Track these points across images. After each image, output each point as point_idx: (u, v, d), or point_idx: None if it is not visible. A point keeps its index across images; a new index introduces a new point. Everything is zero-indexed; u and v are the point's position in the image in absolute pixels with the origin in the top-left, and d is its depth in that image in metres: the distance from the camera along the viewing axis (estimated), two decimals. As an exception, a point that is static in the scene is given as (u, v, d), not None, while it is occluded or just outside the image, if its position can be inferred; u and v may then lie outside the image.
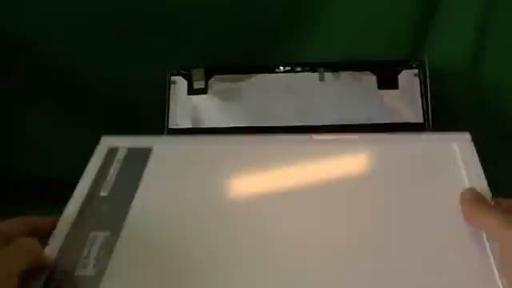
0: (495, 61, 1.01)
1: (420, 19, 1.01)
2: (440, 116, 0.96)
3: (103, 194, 0.73)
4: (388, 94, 0.95)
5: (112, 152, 0.79)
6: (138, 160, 0.77)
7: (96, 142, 0.92)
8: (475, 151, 0.79)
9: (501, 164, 1.01)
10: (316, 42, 1.02)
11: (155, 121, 0.94)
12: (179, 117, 0.94)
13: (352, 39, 1.01)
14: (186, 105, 0.95)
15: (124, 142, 0.81)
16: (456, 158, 0.77)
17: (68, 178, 0.80)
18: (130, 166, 0.76)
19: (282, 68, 0.96)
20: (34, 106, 1.04)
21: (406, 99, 0.95)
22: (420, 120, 0.93)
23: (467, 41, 1.01)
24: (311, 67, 0.96)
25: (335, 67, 0.96)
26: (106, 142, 0.81)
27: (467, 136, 0.81)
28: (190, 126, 0.94)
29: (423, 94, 0.95)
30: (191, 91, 0.95)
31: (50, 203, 0.94)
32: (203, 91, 0.95)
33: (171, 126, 0.94)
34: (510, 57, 1.01)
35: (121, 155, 0.78)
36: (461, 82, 1.02)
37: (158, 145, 0.80)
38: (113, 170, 0.76)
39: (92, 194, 0.74)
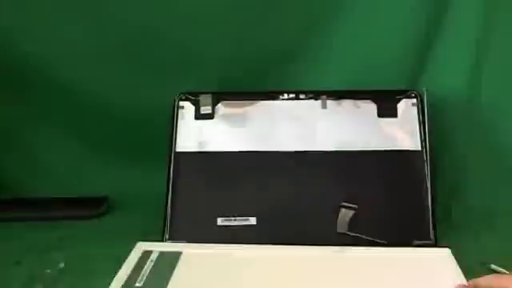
0: (491, 88, 1.05)
1: (418, 49, 1.05)
2: (437, 143, 1.00)
3: None
4: (387, 122, 0.99)
5: (146, 254, 0.84)
6: (168, 262, 0.82)
7: (105, 163, 0.96)
8: (457, 265, 0.81)
9: (500, 191, 1.05)
10: (319, 71, 1.06)
11: (163, 144, 0.97)
12: (186, 141, 0.98)
13: (353, 69, 1.05)
14: (193, 129, 0.98)
15: (157, 247, 0.86)
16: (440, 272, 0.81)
17: (77, 198, 0.84)
18: (161, 267, 0.81)
19: (286, 95, 1.00)
20: (46, 129, 1.08)
21: (404, 127, 0.98)
22: (418, 147, 0.97)
23: (464, 69, 1.04)
24: (314, 95, 1.00)
25: (337, 95, 1.00)
26: (141, 247, 0.86)
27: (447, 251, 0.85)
28: (197, 150, 0.97)
29: (421, 123, 0.98)
30: (198, 116, 0.99)
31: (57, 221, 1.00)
32: (210, 116, 0.99)
33: (178, 149, 0.97)
34: (506, 84, 1.05)
35: (153, 257, 0.83)
36: (458, 109, 1.05)
37: (187, 250, 0.85)
38: (145, 269, 0.80)
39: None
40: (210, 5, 1.01)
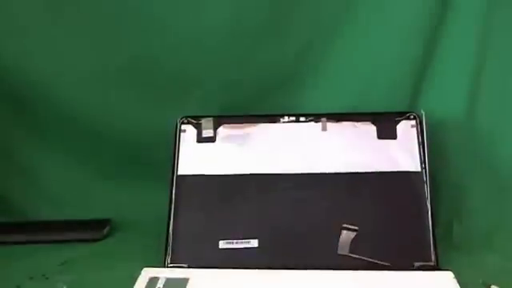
0: (489, 108, 1.05)
1: (417, 71, 1.06)
2: (437, 164, 1.01)
3: None
4: (387, 144, 1.00)
5: (152, 280, 0.85)
6: None
7: (108, 186, 0.96)
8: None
9: (499, 210, 1.05)
10: (318, 94, 1.07)
11: (165, 167, 0.98)
12: (188, 164, 0.98)
13: (353, 91, 1.07)
14: (195, 152, 0.99)
15: (163, 273, 0.86)
16: None
17: (79, 221, 0.84)
18: None
19: (286, 118, 1.01)
20: (48, 152, 1.09)
21: (404, 149, 0.99)
22: (418, 169, 0.98)
23: (462, 90, 1.05)
24: (314, 117, 1.01)
25: (337, 118, 1.01)
26: (147, 274, 0.86)
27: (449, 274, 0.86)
28: (199, 173, 0.98)
29: (420, 144, 0.99)
30: (200, 139, 1.00)
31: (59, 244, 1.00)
32: (212, 139, 1.00)
33: (180, 172, 0.98)
34: (504, 105, 1.06)
35: (160, 284, 0.84)
36: (457, 129, 1.06)
37: (194, 276, 0.86)
38: None
39: None
40: (211, 30, 1.02)
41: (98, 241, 1.03)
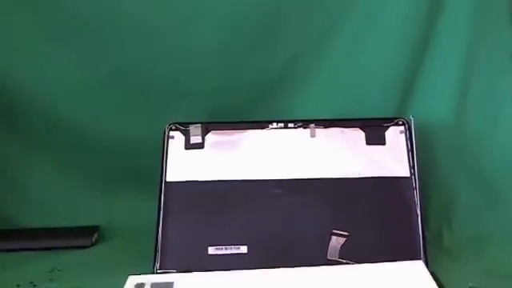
0: (478, 114, 1.06)
1: (406, 76, 1.07)
2: (426, 169, 1.01)
3: None
4: (376, 150, 1.00)
5: (139, 287, 0.84)
6: None
7: (96, 194, 0.95)
8: (431, 277, 0.82)
9: (488, 215, 1.05)
10: (307, 100, 1.08)
11: (154, 174, 0.97)
12: (176, 170, 0.98)
13: (341, 97, 1.07)
14: (183, 159, 0.99)
15: (148, 279, 0.85)
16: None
17: (68, 228, 0.84)
18: None
19: (275, 124, 1.01)
20: (36, 160, 1.09)
21: (393, 154, 0.99)
22: (407, 174, 0.98)
23: (450, 96, 1.06)
24: (303, 124, 1.01)
25: (326, 124, 1.01)
26: (133, 281, 0.85)
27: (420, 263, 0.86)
28: (187, 180, 0.97)
29: (409, 150, 0.99)
30: (188, 146, 1.00)
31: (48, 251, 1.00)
32: (200, 146, 1.00)
33: (169, 179, 0.97)
34: (492, 110, 1.06)
35: None
36: (445, 135, 1.07)
37: (179, 280, 0.85)
38: None
39: None
40: (199, 37, 1.03)
41: (86, 248, 1.03)
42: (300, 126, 1.01)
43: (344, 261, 0.91)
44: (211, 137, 1.00)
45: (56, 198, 1.09)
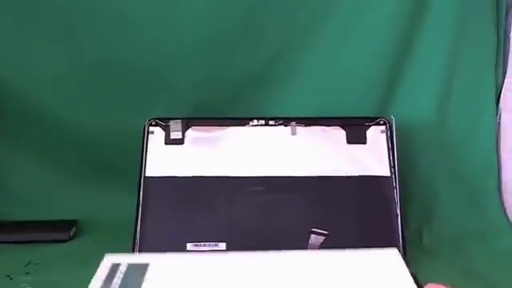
0: (459, 114, 1.07)
1: (388, 75, 1.07)
2: (407, 169, 1.02)
3: None
4: (356, 149, 1.00)
5: (115, 266, 0.82)
6: (137, 274, 0.81)
7: (75, 187, 0.95)
8: (405, 264, 0.81)
9: (468, 215, 1.06)
10: (289, 97, 1.07)
11: (134, 169, 0.97)
12: (156, 166, 0.98)
13: (323, 95, 1.07)
14: (163, 154, 0.99)
15: (125, 259, 0.84)
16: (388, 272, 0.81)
17: (46, 221, 0.84)
18: (131, 279, 0.79)
19: (256, 121, 1.01)
20: (15, 152, 1.08)
21: (373, 154, 0.99)
22: (387, 174, 0.98)
23: (432, 96, 1.07)
24: (284, 121, 1.01)
25: (307, 122, 1.01)
26: (109, 260, 0.84)
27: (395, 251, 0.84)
28: (167, 175, 0.97)
29: (390, 149, 0.99)
30: (168, 141, 0.99)
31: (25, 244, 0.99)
32: (180, 142, 0.99)
33: (148, 174, 0.97)
34: (474, 110, 1.07)
35: (122, 269, 0.82)
36: (427, 135, 1.07)
37: (154, 261, 0.83)
38: (115, 282, 0.80)
39: None
40: (182, 32, 1.02)
41: (64, 242, 1.02)
42: (281, 124, 1.01)
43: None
44: (191, 133, 1.00)
45: (34, 192, 1.08)
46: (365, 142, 1.00)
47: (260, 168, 0.98)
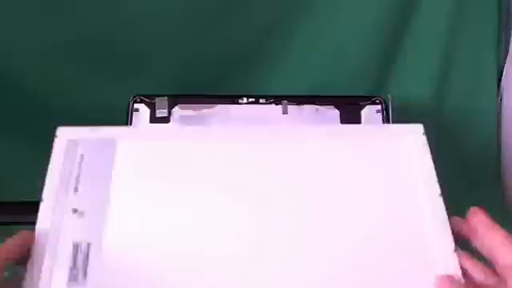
0: (458, 95, 1.03)
1: (384, 53, 1.03)
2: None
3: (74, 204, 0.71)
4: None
5: (73, 147, 0.75)
6: (103, 156, 0.74)
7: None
8: (427, 144, 0.78)
9: (463, 200, 1.02)
10: (280, 75, 1.03)
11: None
12: (140, 145, 0.94)
13: (316, 71, 1.03)
14: (148, 133, 0.94)
15: (84, 134, 0.76)
16: (408, 151, 0.76)
17: (24, 202, 0.80)
18: (96, 165, 0.73)
19: (245, 99, 0.96)
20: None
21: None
22: (382, 155, 0.94)
23: (431, 75, 1.03)
24: (275, 100, 0.96)
25: (299, 101, 0.96)
26: (64, 135, 0.77)
27: (420, 128, 0.79)
28: (151, 155, 0.93)
29: (386, 130, 0.95)
30: (154, 120, 0.95)
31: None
32: (166, 120, 0.95)
33: (132, 153, 0.93)
34: (473, 91, 1.03)
35: (83, 151, 0.74)
36: (424, 116, 1.00)
37: (122, 138, 0.76)
38: (77, 170, 0.73)
39: (62, 205, 0.72)
40: (168, 5, 0.97)
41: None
42: (272, 102, 0.96)
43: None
44: (178, 110, 0.95)
45: (17, 172, 1.04)
46: (359, 122, 0.96)
47: (249, 148, 0.94)
